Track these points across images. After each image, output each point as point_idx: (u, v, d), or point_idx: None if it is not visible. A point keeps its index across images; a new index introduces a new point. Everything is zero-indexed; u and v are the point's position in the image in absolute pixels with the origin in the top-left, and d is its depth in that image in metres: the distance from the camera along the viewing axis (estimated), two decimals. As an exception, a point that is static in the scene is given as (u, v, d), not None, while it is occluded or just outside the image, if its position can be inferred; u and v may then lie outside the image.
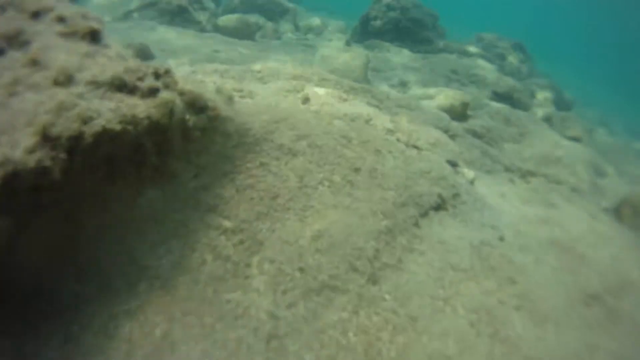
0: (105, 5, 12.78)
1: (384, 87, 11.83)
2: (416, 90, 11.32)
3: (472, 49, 15.05)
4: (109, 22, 11.99)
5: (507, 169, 6.30)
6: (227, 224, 3.01)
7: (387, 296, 2.81)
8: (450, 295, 2.95)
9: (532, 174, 6.20)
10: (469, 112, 9.41)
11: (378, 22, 15.00)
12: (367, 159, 3.76)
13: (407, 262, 3.18)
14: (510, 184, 5.91)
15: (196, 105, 2.95)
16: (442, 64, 12.20)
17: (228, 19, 13.68)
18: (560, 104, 13.14)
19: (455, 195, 4.47)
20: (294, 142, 3.66)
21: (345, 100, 5.65)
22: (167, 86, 2.92)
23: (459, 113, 9.11)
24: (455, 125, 6.91)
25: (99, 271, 2.84)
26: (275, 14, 15.81)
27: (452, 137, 6.43)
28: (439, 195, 4.22)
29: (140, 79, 2.85)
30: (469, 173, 5.24)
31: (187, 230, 3.07)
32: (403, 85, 12.21)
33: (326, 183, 3.34)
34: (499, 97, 10.38)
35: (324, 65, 11.39)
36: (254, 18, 14.41)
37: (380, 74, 12.90)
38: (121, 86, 2.77)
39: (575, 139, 9.35)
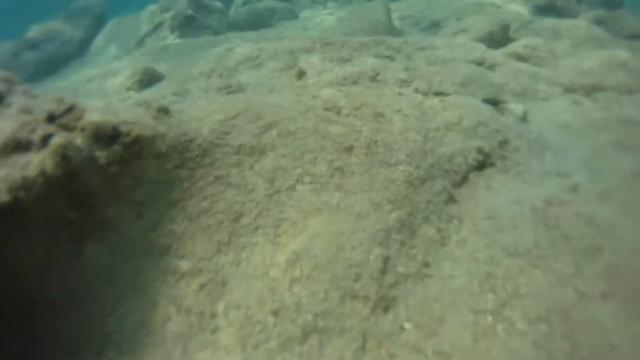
0: (113, 45, 12.59)
1: (414, 34, 10.58)
2: (449, 28, 9.91)
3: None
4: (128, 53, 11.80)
5: (568, 89, 4.96)
6: (184, 265, 2.27)
7: (406, 325, 1.91)
8: (505, 302, 1.97)
9: (598, 88, 4.81)
10: (513, 35, 7.93)
11: (398, -34, 13.49)
12: (363, 130, 2.82)
13: (438, 263, 2.24)
14: (575, 106, 4.61)
15: (101, 136, 2.23)
16: (474, -10, 10.59)
17: (237, 14, 12.98)
18: (609, 2, 10.95)
19: (503, 143, 3.39)
20: (258, 136, 2.81)
21: (347, 60, 4.69)
22: (65, 127, 2.28)
23: (500, 39, 7.71)
24: (492, 53, 5.62)
25: (71, 343, 2.37)
26: (287, -8, 14.76)
27: (491, 67, 5.19)
28: (479, 150, 3.17)
29: (33, 130, 2.27)
30: (517, 108, 4.07)
31: (144, 281, 2.39)
32: (436, 25, 10.86)
33: (306, 179, 2.47)
34: (541, 11, 8.75)
35: (341, 29, 10.36)
36: (264, 4, 13.52)
37: (409, 20, 11.65)
38: (16, 146, 2.33)
39: (636, 36, 7.55)
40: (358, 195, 2.41)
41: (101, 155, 2.25)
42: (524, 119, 4.04)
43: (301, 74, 4.59)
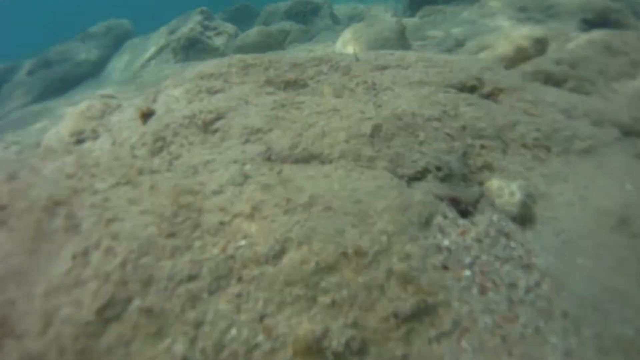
0: (122, 67, 11.40)
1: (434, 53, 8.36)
2: (472, 45, 7.56)
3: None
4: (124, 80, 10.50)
5: (629, 131, 2.59)
6: None
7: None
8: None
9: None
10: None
11: (423, -15, 11.36)
12: None
13: None
14: (638, 161, 2.26)
15: None
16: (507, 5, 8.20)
17: (246, 35, 11.31)
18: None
19: (424, 312, 1.16)
20: None
21: (218, 91, 2.65)
22: None
23: (534, 56, 5.30)
24: (501, 73, 3.31)
25: None
26: (305, 14, 12.96)
27: (491, 96, 2.92)
28: (311, 349, 0.99)
29: None
30: (508, 190, 1.79)
31: None
32: (460, 45, 8.53)
33: None
34: (591, 25, 6.29)
35: (345, 51, 8.35)
36: (278, 26, 11.81)
37: (433, 40, 9.46)
38: None
39: None
40: None
41: None
42: (522, 215, 1.75)
43: (148, 114, 2.63)
